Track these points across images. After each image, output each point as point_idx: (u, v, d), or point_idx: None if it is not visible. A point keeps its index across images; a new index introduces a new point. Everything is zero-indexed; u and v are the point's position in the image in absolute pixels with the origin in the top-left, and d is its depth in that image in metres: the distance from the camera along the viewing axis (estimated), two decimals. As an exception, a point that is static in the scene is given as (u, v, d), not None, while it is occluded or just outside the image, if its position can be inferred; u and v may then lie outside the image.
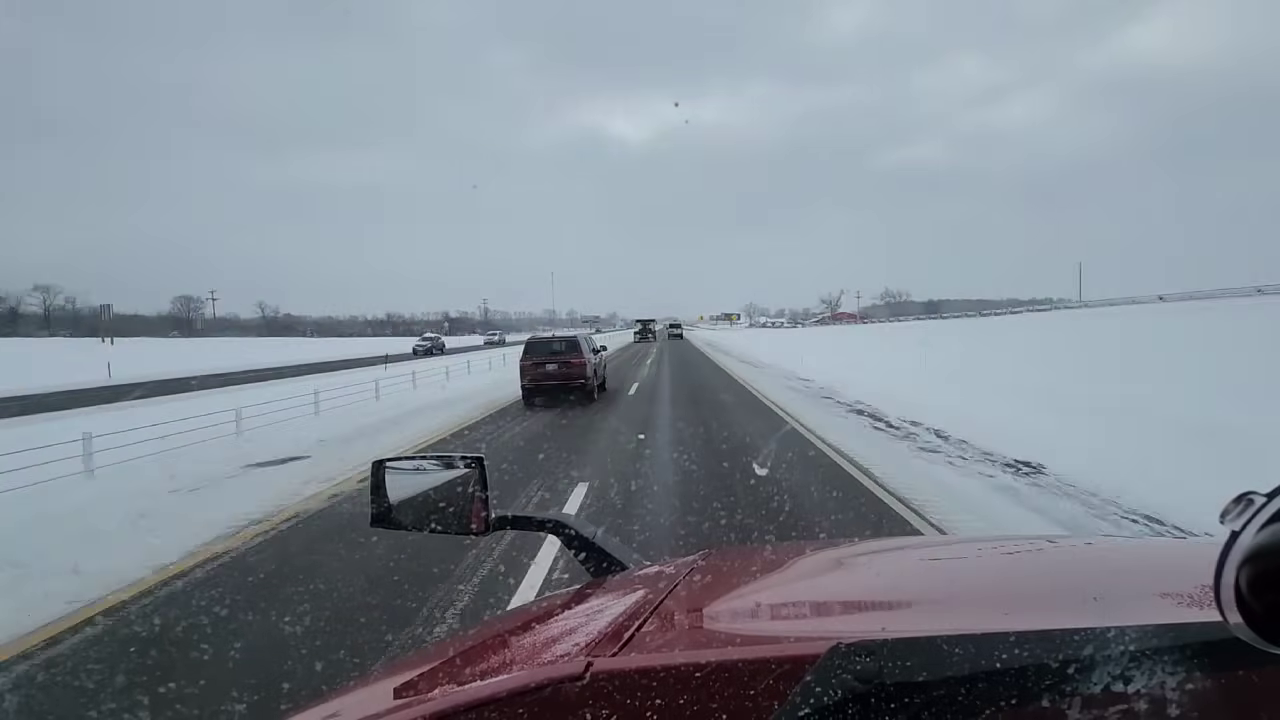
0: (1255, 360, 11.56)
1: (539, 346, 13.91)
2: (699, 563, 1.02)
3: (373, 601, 3.78)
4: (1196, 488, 4.89)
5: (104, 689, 2.93)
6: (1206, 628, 0.50)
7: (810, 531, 4.87)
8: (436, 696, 0.59)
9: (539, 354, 13.66)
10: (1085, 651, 0.50)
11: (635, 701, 0.51)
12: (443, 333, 74.58)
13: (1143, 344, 17.35)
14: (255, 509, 5.95)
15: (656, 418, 11.27)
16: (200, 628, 3.50)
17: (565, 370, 13.47)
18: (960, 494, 5.86)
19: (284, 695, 2.68)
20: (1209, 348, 14.09)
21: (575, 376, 13.47)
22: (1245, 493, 0.41)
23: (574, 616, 0.87)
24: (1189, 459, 6.20)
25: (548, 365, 13.47)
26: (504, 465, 7.43)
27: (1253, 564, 0.39)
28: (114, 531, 5.30)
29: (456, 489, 1.19)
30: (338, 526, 5.36)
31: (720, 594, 0.93)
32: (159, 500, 6.30)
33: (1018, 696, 0.49)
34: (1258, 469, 5.19)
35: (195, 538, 5.09)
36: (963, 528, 4.89)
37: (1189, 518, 4.71)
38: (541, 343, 14.12)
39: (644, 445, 8.58)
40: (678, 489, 6.16)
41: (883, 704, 0.49)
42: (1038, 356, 18.22)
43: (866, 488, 6.21)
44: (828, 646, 0.52)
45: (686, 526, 4.91)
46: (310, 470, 7.61)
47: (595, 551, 1.15)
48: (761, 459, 7.30)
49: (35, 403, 16.44)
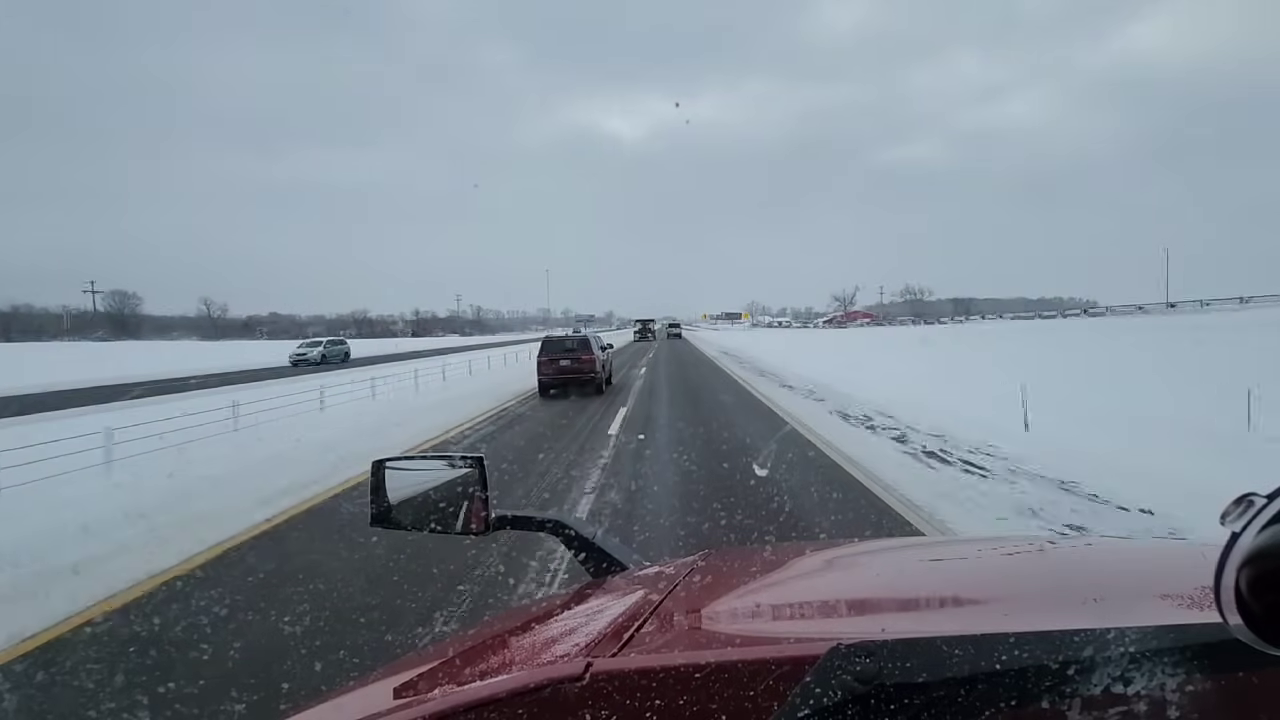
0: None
1: (554, 344, 15.39)
2: (699, 563, 1.02)
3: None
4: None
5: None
6: (1206, 629, 0.50)
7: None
8: (436, 696, 0.59)
9: (554, 351, 15.14)
10: (1085, 653, 0.50)
11: (635, 702, 0.51)
12: (407, 334, 66.83)
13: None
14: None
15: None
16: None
17: (576, 365, 14.93)
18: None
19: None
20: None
21: (586, 371, 14.96)
22: (1246, 494, 0.41)
23: (574, 617, 0.87)
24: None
25: (561, 361, 14.94)
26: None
27: (1253, 565, 0.39)
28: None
29: (456, 489, 1.19)
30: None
31: (720, 594, 0.94)
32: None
33: (1017, 698, 0.49)
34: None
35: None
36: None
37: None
38: (556, 341, 15.64)
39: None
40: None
41: (883, 705, 0.49)
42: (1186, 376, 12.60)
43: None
44: (827, 647, 0.52)
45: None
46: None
47: (595, 552, 1.15)
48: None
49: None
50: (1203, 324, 29.28)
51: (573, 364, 14.93)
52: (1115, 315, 46.21)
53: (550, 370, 14.91)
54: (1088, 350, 21.75)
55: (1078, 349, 22.74)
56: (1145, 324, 32.33)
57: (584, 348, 15.26)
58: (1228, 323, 28.33)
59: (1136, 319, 38.15)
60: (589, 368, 14.95)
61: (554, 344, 15.41)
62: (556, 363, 14.94)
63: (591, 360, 15.01)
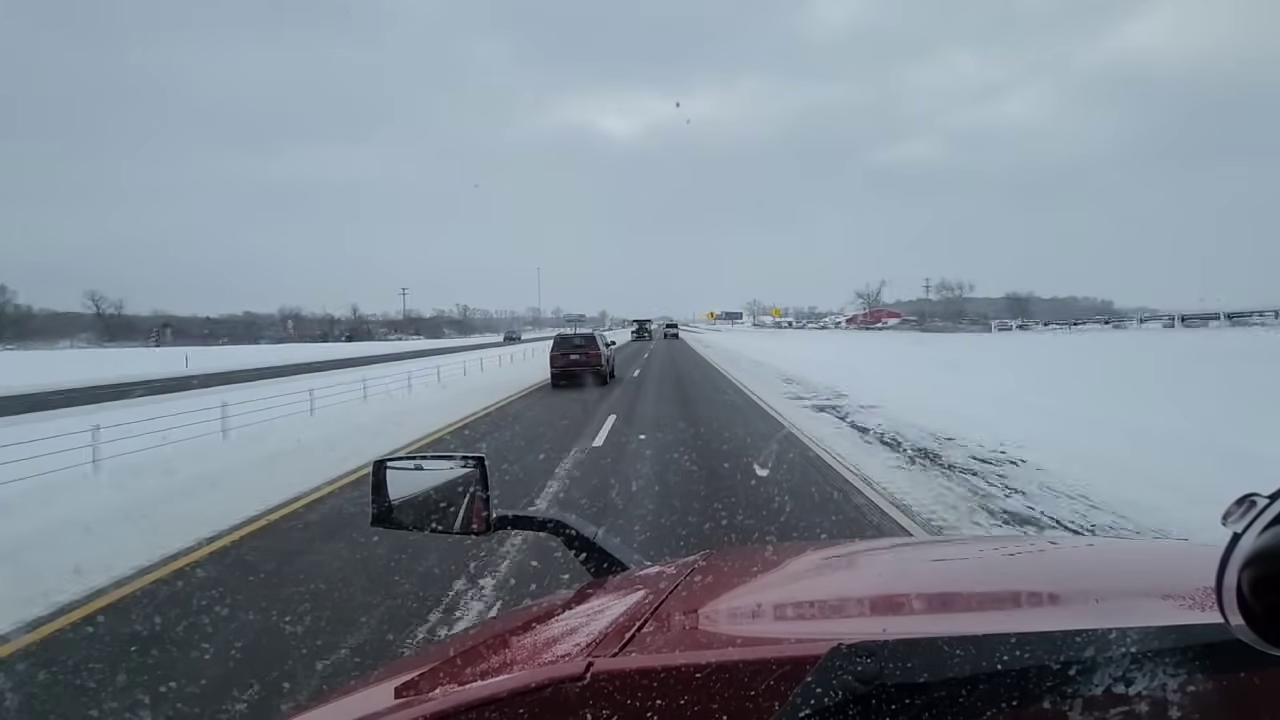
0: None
1: (565, 341, 17.77)
2: (699, 563, 1.02)
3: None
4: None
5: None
6: (1208, 629, 0.50)
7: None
8: (437, 696, 0.59)
9: (565, 347, 17.42)
10: (1086, 653, 0.50)
11: (636, 702, 0.51)
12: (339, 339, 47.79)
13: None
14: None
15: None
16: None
17: (584, 359, 17.06)
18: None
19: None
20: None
21: (593, 363, 17.02)
22: (1247, 495, 0.41)
23: (574, 616, 0.87)
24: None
25: (571, 355, 17.12)
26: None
27: (1255, 566, 0.39)
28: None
29: (457, 489, 1.19)
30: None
31: (721, 594, 0.93)
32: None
33: (1019, 698, 0.49)
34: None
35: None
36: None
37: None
38: (566, 338, 18.04)
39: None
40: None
41: (883, 705, 0.48)
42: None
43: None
44: (828, 647, 0.52)
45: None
46: None
47: (596, 552, 1.15)
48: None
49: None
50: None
51: (581, 357, 17.12)
52: (1241, 326, 31.52)
53: (562, 363, 16.98)
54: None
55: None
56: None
57: (590, 344, 17.57)
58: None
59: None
60: (595, 361, 17.03)
61: (565, 341, 17.87)
62: (567, 356, 17.08)
63: (598, 355, 17.11)
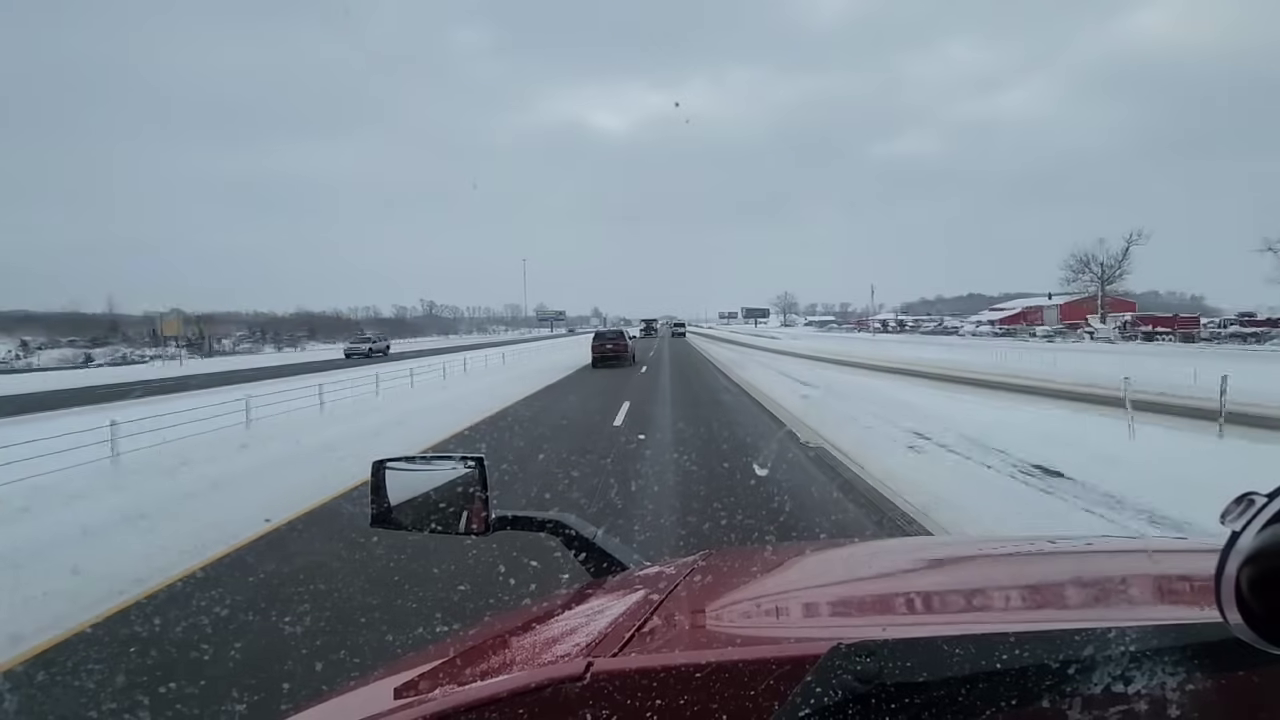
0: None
1: (603, 335, 26.29)
2: (699, 563, 1.02)
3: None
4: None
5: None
6: (1207, 628, 0.50)
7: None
8: (436, 696, 0.59)
9: (602, 340, 25.36)
10: (1085, 652, 0.50)
11: (636, 702, 0.51)
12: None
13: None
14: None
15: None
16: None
17: (616, 348, 24.70)
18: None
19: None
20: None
21: (620, 351, 24.67)
22: (1246, 493, 0.41)
23: (574, 617, 0.87)
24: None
25: (607, 345, 24.77)
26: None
27: (1253, 564, 0.39)
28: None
29: (457, 489, 1.19)
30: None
31: (721, 594, 0.94)
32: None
33: (1018, 697, 0.49)
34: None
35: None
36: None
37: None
38: (603, 333, 26.71)
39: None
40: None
41: (883, 704, 0.48)
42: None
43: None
44: (828, 647, 0.52)
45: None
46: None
47: (595, 552, 1.15)
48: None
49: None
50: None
51: (614, 347, 24.69)
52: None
53: (600, 350, 24.43)
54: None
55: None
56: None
57: (619, 338, 25.95)
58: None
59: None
60: (624, 349, 24.81)
61: (603, 335, 26.27)
62: (604, 346, 24.67)
63: (626, 345, 25.17)
